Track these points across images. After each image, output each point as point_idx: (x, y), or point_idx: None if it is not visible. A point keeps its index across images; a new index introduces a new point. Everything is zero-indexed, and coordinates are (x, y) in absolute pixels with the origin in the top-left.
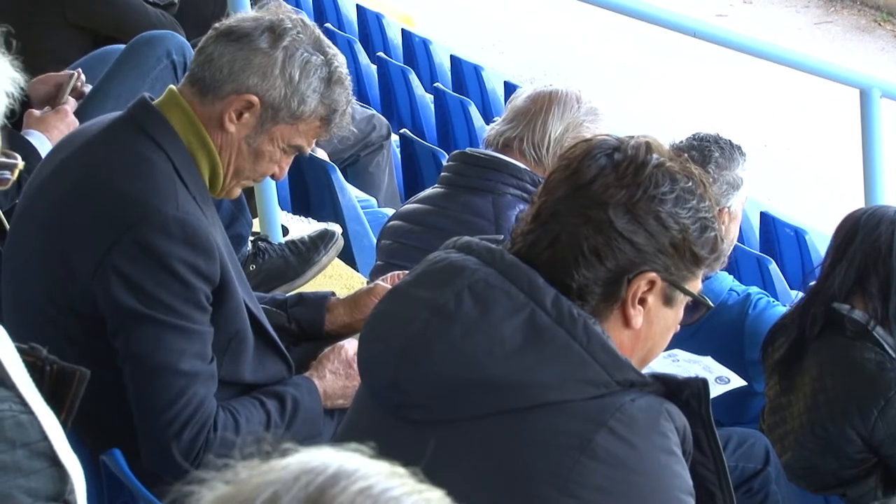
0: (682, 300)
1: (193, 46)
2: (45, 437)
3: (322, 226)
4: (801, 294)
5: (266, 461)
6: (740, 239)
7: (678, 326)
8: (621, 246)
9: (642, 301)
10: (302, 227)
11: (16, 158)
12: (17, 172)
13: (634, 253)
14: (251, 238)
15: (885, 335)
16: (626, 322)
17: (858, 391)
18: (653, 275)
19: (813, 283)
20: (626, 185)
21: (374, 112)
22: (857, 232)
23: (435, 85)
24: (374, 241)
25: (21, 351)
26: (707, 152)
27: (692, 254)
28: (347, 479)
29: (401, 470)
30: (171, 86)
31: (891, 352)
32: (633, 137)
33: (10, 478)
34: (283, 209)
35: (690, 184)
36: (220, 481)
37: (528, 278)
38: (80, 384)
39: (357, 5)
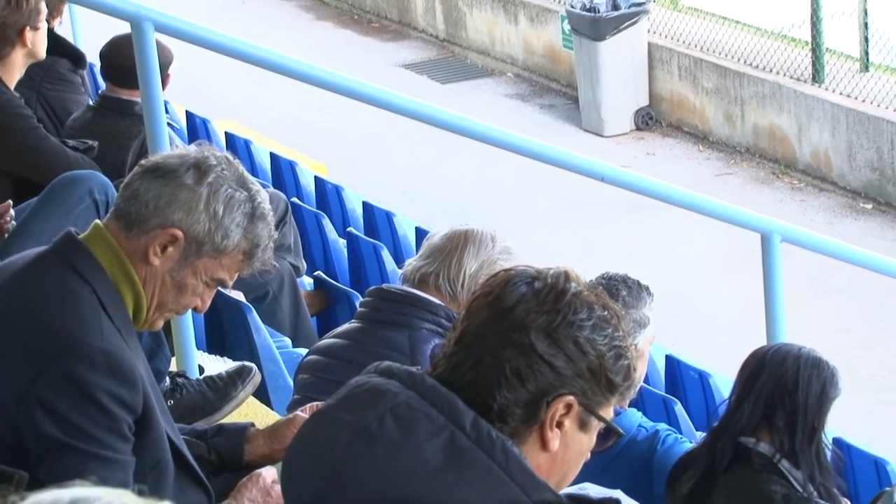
0: (596, 426)
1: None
2: None
3: (239, 363)
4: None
5: None
6: (646, 380)
7: (589, 454)
8: (542, 369)
9: (560, 424)
10: (218, 366)
11: None
12: None
13: (554, 376)
14: (169, 374)
15: (792, 468)
16: (544, 445)
17: None
18: (570, 398)
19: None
20: (546, 311)
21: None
22: (763, 367)
23: (348, 230)
24: (290, 380)
25: None
26: (615, 291)
27: (607, 380)
28: None
29: None
30: (97, 220)
31: (797, 486)
32: (551, 268)
33: None
34: (198, 349)
35: (606, 313)
36: None
37: (447, 401)
38: (18, 487)
39: (271, 153)
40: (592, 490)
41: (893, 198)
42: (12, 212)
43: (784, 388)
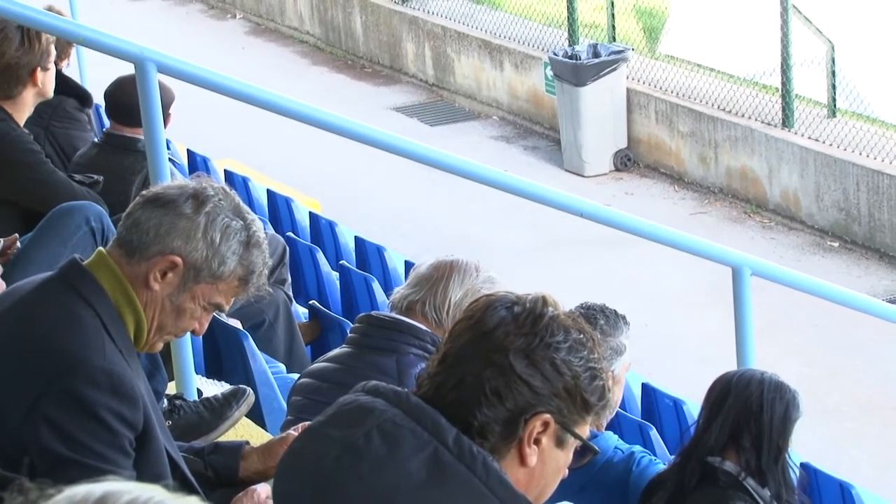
0: (572, 443)
1: (116, 223)
2: None
3: (234, 386)
4: None
5: None
6: (623, 406)
7: (566, 471)
8: (520, 388)
9: (537, 441)
10: (215, 390)
11: None
12: None
13: (531, 395)
14: (167, 396)
15: (757, 486)
16: (522, 461)
17: None
18: (547, 416)
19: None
20: (524, 334)
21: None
22: (729, 391)
23: (340, 263)
24: (284, 404)
25: None
26: (593, 319)
27: (583, 399)
28: None
29: None
30: (101, 248)
31: (762, 503)
32: (529, 294)
33: None
34: (197, 373)
35: (582, 336)
36: None
37: (431, 418)
38: (20, 493)
39: (268, 190)
40: None
41: (859, 237)
42: (18, 244)
43: (749, 411)
